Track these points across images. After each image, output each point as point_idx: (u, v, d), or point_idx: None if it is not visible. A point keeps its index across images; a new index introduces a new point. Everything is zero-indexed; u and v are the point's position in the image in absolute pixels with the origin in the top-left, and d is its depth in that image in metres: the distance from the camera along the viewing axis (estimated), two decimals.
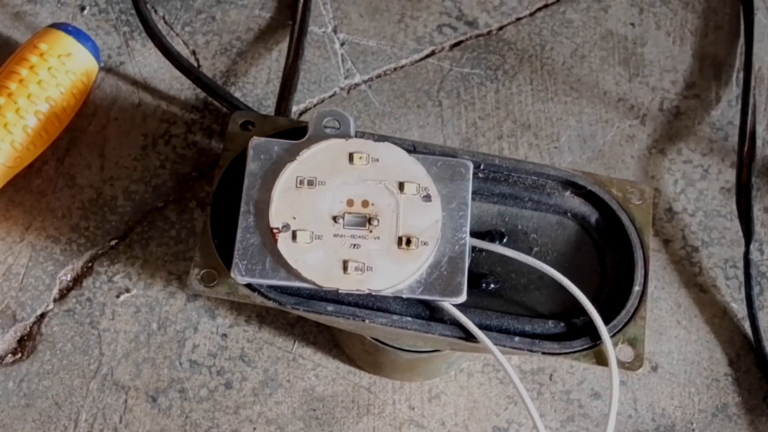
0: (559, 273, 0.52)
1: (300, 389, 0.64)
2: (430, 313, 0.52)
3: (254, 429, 0.63)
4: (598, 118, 0.73)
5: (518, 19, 0.76)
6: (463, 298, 0.50)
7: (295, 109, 0.71)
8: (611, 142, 0.72)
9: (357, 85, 0.73)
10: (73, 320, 0.65)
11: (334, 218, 0.50)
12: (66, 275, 0.66)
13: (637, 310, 0.52)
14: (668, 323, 0.67)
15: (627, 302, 0.52)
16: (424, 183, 0.51)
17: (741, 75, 0.74)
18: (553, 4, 0.77)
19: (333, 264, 0.50)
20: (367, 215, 0.50)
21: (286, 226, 0.50)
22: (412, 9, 0.76)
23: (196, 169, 0.69)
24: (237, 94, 0.71)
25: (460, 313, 0.51)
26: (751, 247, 0.67)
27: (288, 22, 0.75)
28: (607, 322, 0.51)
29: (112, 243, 0.67)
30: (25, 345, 0.64)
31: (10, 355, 0.64)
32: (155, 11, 0.74)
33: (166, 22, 0.74)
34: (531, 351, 0.51)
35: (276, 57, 0.73)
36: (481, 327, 0.51)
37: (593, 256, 0.55)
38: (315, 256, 0.50)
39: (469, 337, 0.51)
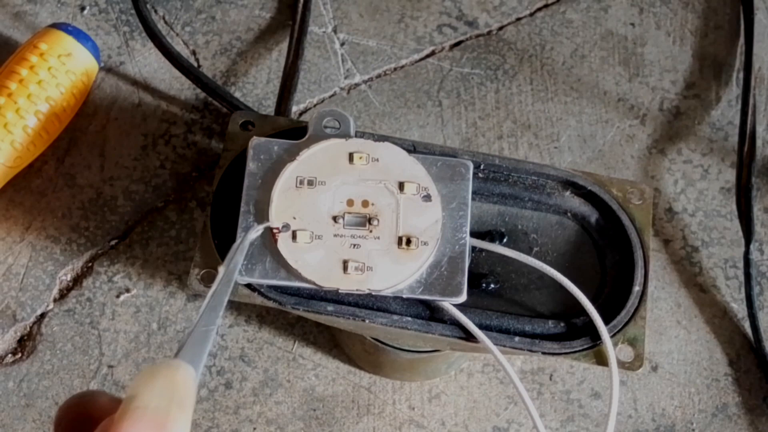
0: (559, 273, 0.52)
1: (300, 389, 0.64)
2: (430, 313, 0.52)
3: (254, 429, 0.63)
4: (598, 118, 0.73)
5: (518, 19, 0.76)
6: (463, 298, 0.50)
7: (295, 109, 0.71)
8: (611, 142, 0.72)
9: (357, 85, 0.73)
10: (73, 320, 0.65)
11: (334, 218, 0.50)
12: (66, 275, 0.66)
13: (637, 310, 0.52)
14: (668, 323, 0.67)
15: (627, 302, 0.52)
16: (424, 183, 0.51)
17: (741, 75, 0.74)
18: (553, 4, 0.77)
19: (333, 264, 0.50)
20: (367, 215, 0.51)
21: (286, 226, 0.50)
22: (412, 9, 0.76)
23: (196, 169, 0.69)
24: (237, 94, 0.71)
25: (460, 313, 0.51)
26: (751, 247, 0.67)
27: (288, 22, 0.75)
28: (607, 322, 0.51)
29: (112, 243, 0.67)
30: (25, 345, 0.64)
31: (10, 355, 0.64)
32: (155, 11, 0.74)
33: (166, 22, 0.74)
34: (531, 351, 0.51)
35: (276, 57, 0.73)
36: (481, 327, 0.51)
37: (593, 256, 0.55)
38: (315, 256, 0.50)
39: (469, 337, 0.51)
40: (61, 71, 0.66)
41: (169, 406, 0.33)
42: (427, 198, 0.51)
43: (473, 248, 0.53)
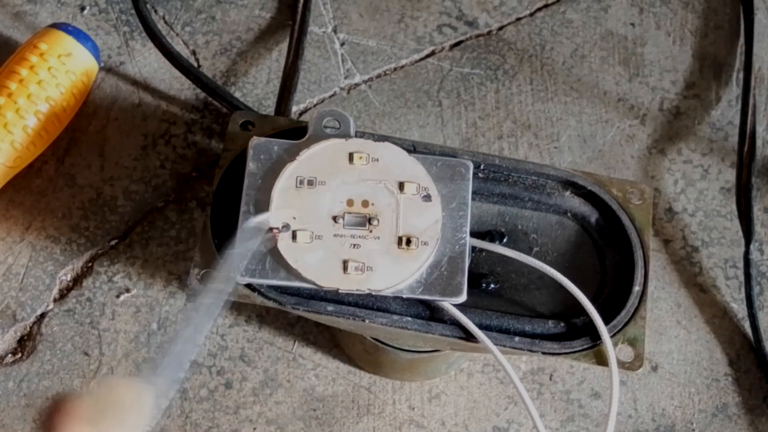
0: (559, 273, 0.52)
1: (300, 389, 0.64)
2: (430, 313, 0.52)
3: (254, 429, 0.63)
4: (598, 118, 0.73)
5: (518, 19, 0.76)
6: (463, 298, 0.50)
7: (295, 109, 0.71)
8: (611, 142, 0.72)
9: (357, 85, 0.73)
10: (73, 320, 0.65)
11: (334, 218, 0.50)
12: (66, 275, 0.66)
13: (637, 310, 0.52)
14: (668, 323, 0.67)
15: (627, 302, 0.52)
16: (424, 183, 0.51)
17: (741, 75, 0.74)
18: (553, 4, 0.77)
19: (333, 264, 0.50)
20: (367, 215, 0.51)
21: (286, 226, 0.50)
22: (412, 9, 0.76)
23: (196, 169, 0.69)
24: (237, 94, 0.71)
25: (460, 313, 0.51)
26: (751, 247, 0.67)
27: (288, 22, 0.75)
28: (607, 322, 0.51)
29: (112, 243, 0.67)
30: (25, 345, 0.65)
31: (10, 355, 0.64)
32: (155, 11, 0.74)
33: (166, 22, 0.74)
34: (531, 351, 0.51)
35: (276, 57, 0.73)
36: (481, 327, 0.51)
37: (593, 256, 0.55)
38: (315, 256, 0.50)
39: (469, 337, 0.51)
40: (61, 71, 0.66)
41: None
42: (427, 198, 0.51)
43: (473, 248, 0.53)
